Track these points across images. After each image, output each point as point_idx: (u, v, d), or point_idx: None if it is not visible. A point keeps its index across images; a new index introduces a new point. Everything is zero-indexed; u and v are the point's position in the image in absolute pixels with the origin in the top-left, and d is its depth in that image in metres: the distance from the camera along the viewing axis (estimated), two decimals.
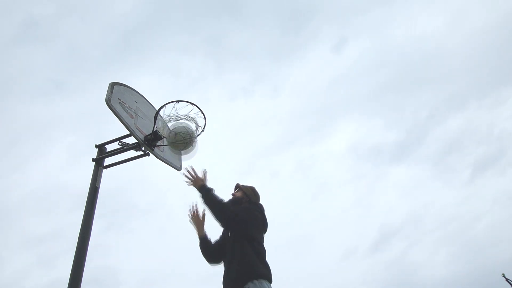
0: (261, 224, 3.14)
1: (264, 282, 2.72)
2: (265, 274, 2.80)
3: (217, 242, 3.29)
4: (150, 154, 4.43)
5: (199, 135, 4.20)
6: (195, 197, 3.26)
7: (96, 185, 4.19)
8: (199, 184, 3.18)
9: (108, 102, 4.17)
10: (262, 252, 2.99)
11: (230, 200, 3.29)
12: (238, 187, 3.43)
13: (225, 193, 3.43)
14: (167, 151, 4.57)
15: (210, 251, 3.25)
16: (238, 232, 2.98)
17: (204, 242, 3.30)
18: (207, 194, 3.09)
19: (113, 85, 4.39)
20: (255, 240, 2.98)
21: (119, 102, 4.35)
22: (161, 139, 4.37)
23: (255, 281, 2.69)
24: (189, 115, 4.14)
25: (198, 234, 3.33)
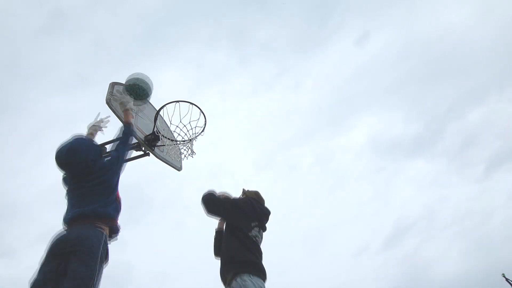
0: (252, 217, 3.19)
1: (247, 278, 2.74)
2: (249, 269, 2.82)
3: None
4: (150, 154, 4.42)
5: (196, 136, 4.23)
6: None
7: None
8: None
9: (108, 102, 4.16)
10: (250, 246, 3.01)
11: (227, 199, 3.42)
12: (243, 191, 3.53)
13: (238, 187, 3.48)
14: (167, 151, 4.54)
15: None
16: (221, 216, 3.27)
17: (220, 235, 3.39)
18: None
19: (113, 85, 4.38)
20: (241, 232, 3.05)
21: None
22: (160, 139, 4.36)
23: (238, 279, 2.73)
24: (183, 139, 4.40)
25: (218, 226, 3.46)
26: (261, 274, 2.84)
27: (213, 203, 3.22)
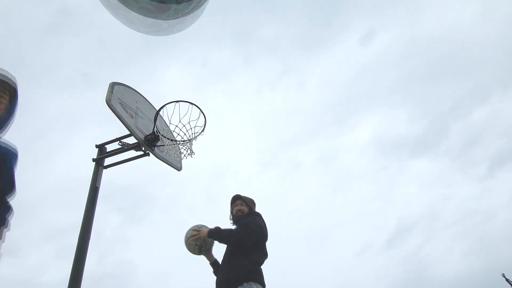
0: (266, 232, 3.18)
1: (254, 285, 2.77)
2: (256, 278, 2.83)
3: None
4: (150, 154, 4.43)
5: (196, 136, 4.24)
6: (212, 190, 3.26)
7: (96, 185, 4.21)
8: (206, 233, 3.17)
9: (109, 102, 4.17)
10: (261, 258, 3.04)
11: (238, 217, 3.30)
12: (239, 198, 3.41)
13: (240, 188, 3.44)
14: (167, 151, 4.55)
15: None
16: (255, 241, 3.01)
17: (215, 266, 3.28)
18: (219, 236, 3.11)
19: (113, 85, 4.39)
20: (257, 246, 3.02)
21: (120, 102, 4.35)
22: (160, 139, 4.36)
23: (245, 284, 2.75)
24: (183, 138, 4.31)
25: (209, 261, 3.28)
26: (263, 282, 2.88)
27: (260, 234, 3.01)
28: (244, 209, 3.31)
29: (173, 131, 4.54)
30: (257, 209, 3.35)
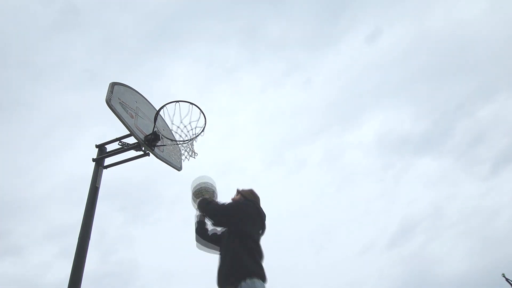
0: (258, 220, 3.14)
1: (257, 281, 2.69)
2: (258, 272, 2.77)
3: (214, 231, 3.46)
4: (150, 154, 4.42)
5: (196, 137, 4.21)
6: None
7: (96, 185, 4.21)
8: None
9: (109, 102, 4.17)
10: (256, 250, 2.97)
11: (228, 204, 3.30)
12: (237, 191, 3.45)
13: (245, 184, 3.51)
14: (167, 151, 4.54)
15: (204, 232, 3.48)
16: (228, 226, 3.07)
17: (201, 224, 3.51)
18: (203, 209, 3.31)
19: (113, 85, 4.38)
20: (250, 238, 2.98)
21: (120, 102, 4.34)
22: (160, 139, 4.35)
23: (248, 280, 2.67)
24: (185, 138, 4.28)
25: (200, 218, 3.52)
26: (265, 278, 2.85)
27: (221, 214, 3.08)
28: (235, 198, 3.38)
29: (174, 131, 4.53)
30: (262, 207, 3.33)
